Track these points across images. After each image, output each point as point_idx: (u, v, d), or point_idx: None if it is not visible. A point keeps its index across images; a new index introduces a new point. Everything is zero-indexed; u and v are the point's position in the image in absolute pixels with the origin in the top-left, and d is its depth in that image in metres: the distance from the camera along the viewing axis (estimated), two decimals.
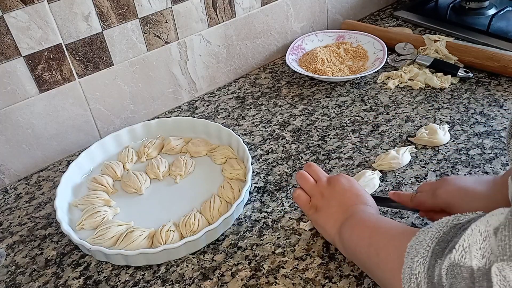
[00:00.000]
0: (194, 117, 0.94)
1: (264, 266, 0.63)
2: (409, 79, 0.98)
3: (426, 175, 0.74)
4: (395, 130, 0.85)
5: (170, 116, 0.95)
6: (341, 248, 0.59)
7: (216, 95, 1.02)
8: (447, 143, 0.80)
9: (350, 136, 0.85)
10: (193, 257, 0.65)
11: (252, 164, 0.76)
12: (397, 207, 0.68)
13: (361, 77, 1.00)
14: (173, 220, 0.69)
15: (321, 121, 0.89)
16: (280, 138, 0.86)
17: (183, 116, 0.95)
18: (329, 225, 0.60)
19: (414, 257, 0.41)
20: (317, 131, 0.87)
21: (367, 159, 0.79)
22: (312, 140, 0.85)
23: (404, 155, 0.77)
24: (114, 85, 0.88)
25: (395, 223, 0.54)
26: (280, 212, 0.71)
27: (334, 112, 0.92)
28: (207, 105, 0.99)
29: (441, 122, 0.85)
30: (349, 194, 0.61)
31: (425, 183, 0.66)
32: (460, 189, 0.59)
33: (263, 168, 0.80)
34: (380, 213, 0.64)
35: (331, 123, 0.89)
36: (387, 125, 0.86)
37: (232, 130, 0.84)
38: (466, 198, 0.57)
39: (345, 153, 0.81)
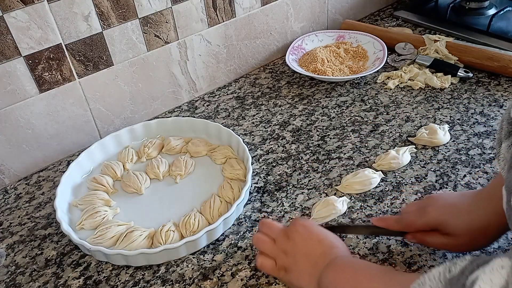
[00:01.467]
0: (194, 117, 0.94)
1: None
2: (409, 79, 0.98)
3: (426, 175, 0.74)
4: (395, 130, 0.85)
5: (170, 116, 0.95)
6: None
7: (216, 95, 1.02)
8: (447, 143, 0.80)
9: (350, 136, 0.85)
10: (193, 257, 0.65)
11: (252, 164, 0.76)
12: (381, 233, 0.63)
13: (361, 77, 1.00)
14: (173, 220, 0.69)
15: (321, 121, 0.89)
16: (280, 138, 0.86)
17: (183, 116, 0.95)
18: (305, 282, 0.55)
19: None
20: (317, 131, 0.87)
21: (367, 159, 0.79)
22: (312, 140, 0.85)
23: (404, 155, 0.77)
24: (114, 85, 0.88)
25: (377, 268, 0.52)
26: (280, 212, 0.71)
27: (334, 112, 0.92)
28: (207, 105, 0.99)
29: (441, 122, 0.85)
30: (311, 243, 0.56)
31: (410, 204, 0.64)
32: (449, 205, 0.58)
33: (263, 168, 0.80)
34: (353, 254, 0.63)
35: (331, 123, 0.89)
36: (387, 125, 0.86)
37: (232, 130, 0.84)
38: (455, 214, 0.56)
39: (345, 153, 0.81)
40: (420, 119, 0.87)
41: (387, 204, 0.70)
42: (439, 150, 0.79)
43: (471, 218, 0.55)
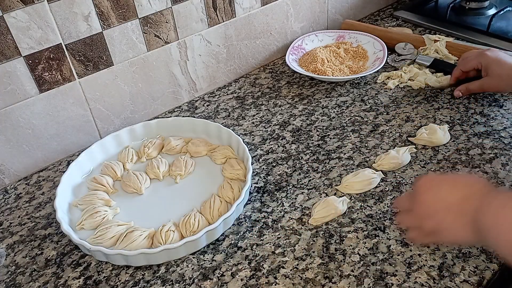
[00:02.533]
0: (194, 117, 0.94)
1: (264, 266, 0.63)
2: (409, 79, 0.98)
3: None
4: (395, 130, 0.85)
5: (170, 116, 0.95)
6: (495, 247, 0.49)
7: (216, 95, 1.02)
8: (447, 143, 0.80)
9: (350, 136, 0.85)
10: (193, 257, 0.65)
11: (252, 164, 0.76)
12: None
13: (361, 77, 1.00)
14: (173, 220, 0.69)
15: (321, 121, 0.89)
16: (280, 138, 0.86)
17: (183, 116, 0.95)
18: (460, 236, 0.51)
19: None
20: (317, 131, 0.87)
21: (367, 159, 0.79)
22: (312, 140, 0.85)
23: (404, 155, 0.77)
24: (114, 85, 0.88)
25: None
26: (280, 212, 0.71)
27: (334, 112, 0.92)
28: (207, 105, 0.99)
29: (441, 122, 0.85)
30: (445, 194, 0.52)
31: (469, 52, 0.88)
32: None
33: (263, 168, 0.80)
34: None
35: (331, 123, 0.89)
36: (387, 125, 0.86)
37: (232, 130, 0.84)
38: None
39: (345, 153, 0.81)
40: (420, 119, 0.87)
41: (387, 204, 0.70)
42: (439, 150, 0.79)
43: (506, 66, 0.80)
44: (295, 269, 0.62)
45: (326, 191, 0.74)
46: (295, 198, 0.73)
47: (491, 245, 0.49)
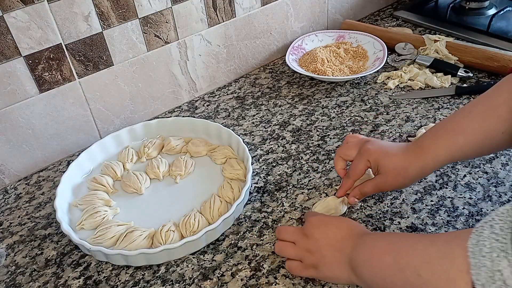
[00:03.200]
0: (194, 117, 0.94)
1: (264, 266, 0.63)
2: (409, 79, 0.98)
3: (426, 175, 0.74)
4: (395, 130, 0.85)
5: (170, 116, 0.95)
6: (365, 286, 0.54)
7: (216, 95, 1.02)
8: None
9: None
10: (193, 257, 0.65)
11: (252, 164, 0.76)
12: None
13: (361, 77, 1.00)
14: (173, 220, 0.69)
15: (321, 121, 0.89)
16: (280, 138, 0.86)
17: (183, 116, 0.95)
18: (338, 272, 0.56)
19: (488, 254, 0.37)
20: (317, 131, 0.87)
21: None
22: (312, 140, 0.85)
23: None
24: (114, 85, 0.88)
25: (411, 234, 0.52)
26: (280, 212, 0.71)
27: (334, 112, 0.92)
28: (207, 105, 0.99)
29: None
30: (330, 232, 0.58)
31: (348, 147, 0.69)
32: (382, 148, 0.65)
33: (263, 168, 0.80)
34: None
35: (331, 123, 0.89)
36: (387, 125, 0.86)
37: (232, 130, 0.84)
38: (385, 154, 0.64)
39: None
40: (420, 119, 0.87)
41: (387, 204, 0.70)
42: None
43: (397, 159, 0.63)
44: None
45: (326, 191, 0.74)
46: (295, 198, 0.73)
47: (364, 281, 0.53)
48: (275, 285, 0.60)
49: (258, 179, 0.78)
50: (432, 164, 0.61)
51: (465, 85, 0.95)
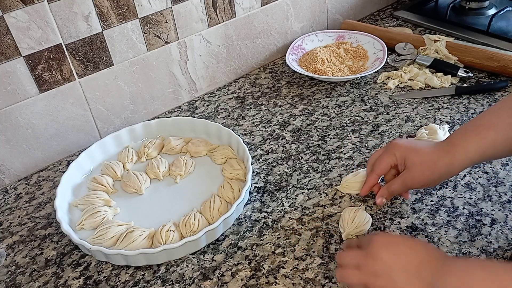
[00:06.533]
0: (194, 117, 0.94)
1: (264, 266, 0.63)
2: (409, 79, 0.98)
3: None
4: (395, 130, 0.85)
5: (170, 116, 0.95)
6: None
7: (216, 95, 1.02)
8: None
9: (350, 136, 0.85)
10: (193, 257, 0.65)
11: (252, 164, 0.76)
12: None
13: (361, 77, 1.00)
14: (173, 220, 0.69)
15: (321, 121, 0.89)
16: (280, 138, 0.86)
17: (183, 116, 0.95)
18: None
19: None
20: (317, 131, 0.87)
21: (367, 159, 0.79)
22: (312, 140, 0.85)
23: None
24: (114, 85, 0.88)
25: (504, 264, 0.45)
26: (280, 212, 0.71)
27: (334, 112, 0.92)
28: (207, 105, 0.99)
29: (441, 122, 0.85)
30: (403, 255, 0.50)
31: (376, 152, 0.68)
32: (409, 145, 0.63)
33: (263, 168, 0.80)
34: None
35: (331, 123, 0.89)
36: (387, 125, 0.86)
37: (232, 130, 0.84)
38: (413, 150, 0.62)
39: (345, 153, 0.81)
40: (420, 119, 0.87)
41: (387, 204, 0.70)
42: None
43: (425, 153, 0.61)
44: (295, 269, 0.62)
45: (326, 191, 0.74)
46: (295, 198, 0.73)
47: None
48: (275, 285, 0.60)
49: (258, 179, 0.78)
50: (462, 160, 0.58)
51: (465, 85, 0.95)
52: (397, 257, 0.50)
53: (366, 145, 0.82)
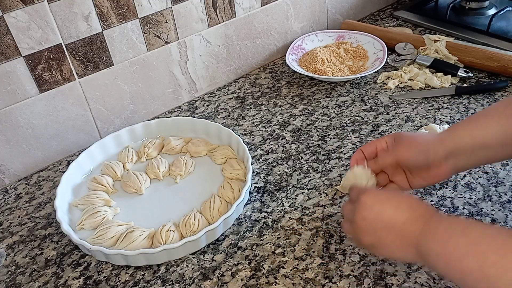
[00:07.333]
0: (194, 117, 0.94)
1: (264, 266, 0.63)
2: (409, 79, 0.98)
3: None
4: (395, 130, 0.85)
5: (170, 116, 0.95)
6: (437, 271, 0.52)
7: (216, 95, 1.02)
8: None
9: (350, 136, 0.85)
10: (193, 257, 0.65)
11: (252, 164, 0.76)
12: None
13: (361, 77, 1.00)
14: (173, 220, 0.69)
15: (321, 121, 0.89)
16: (280, 138, 0.86)
17: (183, 116, 0.95)
18: (399, 254, 0.51)
19: None
20: (317, 131, 0.87)
21: None
22: (312, 140, 0.85)
23: None
24: (114, 85, 0.88)
25: (493, 229, 0.46)
26: (280, 212, 0.71)
27: (334, 112, 0.92)
28: (207, 105, 0.99)
29: (441, 122, 0.85)
30: (387, 215, 0.51)
31: (381, 140, 0.64)
32: (414, 143, 0.60)
33: (263, 168, 0.80)
34: None
35: (331, 123, 0.89)
36: (387, 125, 0.86)
37: (232, 130, 0.84)
38: (415, 149, 0.59)
39: (345, 153, 0.81)
40: (420, 119, 0.87)
41: None
42: None
43: (415, 135, 0.60)
44: (295, 269, 0.62)
45: (326, 191, 0.74)
46: (295, 198, 0.73)
47: (436, 269, 0.49)
48: (275, 285, 0.60)
49: (258, 179, 0.78)
50: (451, 140, 0.57)
51: (465, 85, 0.95)
52: (380, 217, 0.51)
53: None
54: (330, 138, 0.85)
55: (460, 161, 0.57)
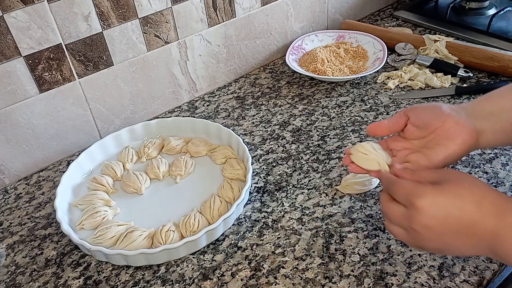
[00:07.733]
0: (194, 117, 0.94)
1: (264, 266, 0.63)
2: (409, 79, 0.98)
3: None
4: None
5: (170, 116, 0.95)
6: None
7: (216, 95, 1.02)
8: None
9: (350, 136, 0.85)
10: (193, 257, 0.65)
11: (252, 164, 0.76)
12: None
13: (361, 77, 1.00)
14: (173, 220, 0.69)
15: (321, 121, 0.89)
16: (280, 138, 0.86)
17: (183, 116, 0.95)
18: (471, 252, 0.49)
19: None
20: (317, 131, 0.87)
21: None
22: (312, 140, 0.85)
23: None
24: (114, 85, 0.88)
25: None
26: (280, 212, 0.71)
27: (334, 112, 0.92)
28: (207, 105, 0.99)
29: None
30: (452, 217, 0.47)
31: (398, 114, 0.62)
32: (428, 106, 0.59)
33: (263, 168, 0.80)
34: None
35: (331, 123, 0.89)
36: None
37: (232, 130, 0.84)
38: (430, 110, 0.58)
39: (345, 153, 0.81)
40: None
41: None
42: None
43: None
44: (295, 269, 0.62)
45: (326, 191, 0.74)
46: (295, 198, 0.73)
47: None
48: (275, 285, 0.60)
49: (258, 179, 0.78)
50: (469, 106, 0.57)
51: (465, 85, 0.95)
52: (446, 224, 0.47)
53: None
54: (330, 138, 0.85)
55: (481, 123, 0.55)
